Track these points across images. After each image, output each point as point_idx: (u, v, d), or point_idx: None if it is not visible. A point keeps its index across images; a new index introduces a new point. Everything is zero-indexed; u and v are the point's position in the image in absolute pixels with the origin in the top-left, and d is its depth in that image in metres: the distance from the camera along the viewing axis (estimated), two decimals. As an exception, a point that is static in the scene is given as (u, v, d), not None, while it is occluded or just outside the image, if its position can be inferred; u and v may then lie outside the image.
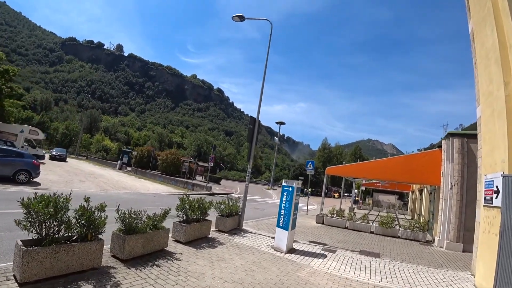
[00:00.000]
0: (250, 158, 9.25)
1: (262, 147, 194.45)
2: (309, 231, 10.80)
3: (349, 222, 12.08)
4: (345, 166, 13.59)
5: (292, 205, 6.95)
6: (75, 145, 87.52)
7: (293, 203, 6.95)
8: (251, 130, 9.35)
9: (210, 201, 7.70)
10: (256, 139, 9.52)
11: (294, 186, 6.97)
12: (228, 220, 8.45)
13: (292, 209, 6.96)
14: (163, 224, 5.92)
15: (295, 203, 7.13)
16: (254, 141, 9.37)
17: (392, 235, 11.34)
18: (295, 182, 7.01)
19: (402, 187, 29.90)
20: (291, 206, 6.95)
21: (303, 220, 13.61)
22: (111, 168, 36.84)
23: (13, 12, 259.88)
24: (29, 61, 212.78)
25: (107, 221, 4.68)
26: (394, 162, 12.10)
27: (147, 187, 21.00)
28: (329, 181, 66.13)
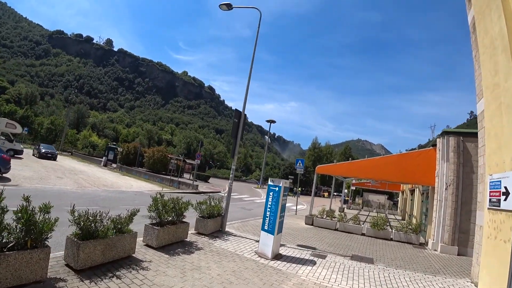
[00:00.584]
0: (235, 154, 8.52)
1: (253, 146, 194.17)
2: (297, 233, 10.16)
3: (340, 224, 11.51)
4: (336, 165, 13.03)
5: (278, 206, 6.27)
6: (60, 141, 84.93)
7: (279, 204, 6.27)
8: (235, 124, 8.62)
9: (188, 201, 6.94)
10: (241, 134, 8.80)
11: (281, 185, 6.29)
12: (209, 222, 7.71)
13: (279, 210, 6.28)
14: (130, 227, 5.15)
15: (282, 204, 6.45)
16: (239, 136, 8.65)
17: (384, 237, 10.83)
18: (282, 181, 6.33)
19: (392, 187, 29.74)
20: (278, 208, 6.27)
21: (292, 221, 12.99)
22: (95, 165, 35.45)
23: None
24: (14, 53, 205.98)
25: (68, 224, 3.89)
26: (387, 161, 11.61)
27: (130, 185, 20.01)
28: (319, 180, 66.02)
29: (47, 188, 13.00)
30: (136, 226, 5.56)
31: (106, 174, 25.19)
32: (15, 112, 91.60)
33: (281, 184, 6.30)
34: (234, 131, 8.62)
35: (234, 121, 8.62)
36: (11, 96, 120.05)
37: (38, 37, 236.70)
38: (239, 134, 8.67)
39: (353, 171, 12.26)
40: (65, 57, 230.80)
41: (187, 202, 6.83)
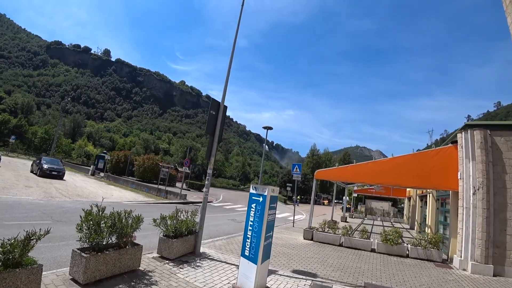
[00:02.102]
0: (211, 155, 6.75)
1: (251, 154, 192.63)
2: (294, 252, 8.30)
3: (345, 238, 9.66)
4: (337, 169, 11.26)
5: (263, 224, 4.46)
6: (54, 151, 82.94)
7: (264, 221, 4.46)
8: (212, 117, 6.89)
9: (138, 216, 5.09)
10: (220, 131, 7.06)
11: (267, 194, 4.51)
12: (175, 243, 5.87)
13: (263, 229, 4.47)
14: (31, 256, 3.35)
15: (269, 220, 4.65)
16: (217, 133, 6.90)
17: (399, 253, 8.98)
18: (268, 189, 4.56)
19: (396, 192, 27.87)
20: (262, 226, 4.47)
21: (288, 236, 11.12)
22: (82, 174, 33.54)
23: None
24: (12, 64, 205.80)
25: None
26: (397, 163, 9.85)
27: (110, 195, 18.11)
28: (318, 187, 63.97)
29: (2, 198, 11.16)
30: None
31: (89, 183, 23.27)
32: (8, 122, 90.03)
33: (266, 193, 4.52)
34: (211, 126, 6.87)
35: (210, 113, 6.88)
36: (7, 106, 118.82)
37: (36, 48, 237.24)
38: (217, 130, 6.93)
39: (358, 175, 10.50)
40: (62, 68, 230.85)
41: (138, 217, 5.02)
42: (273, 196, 4.73)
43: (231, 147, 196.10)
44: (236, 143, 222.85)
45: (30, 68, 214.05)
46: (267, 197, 4.47)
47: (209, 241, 8.38)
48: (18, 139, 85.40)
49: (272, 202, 4.72)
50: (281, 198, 43.63)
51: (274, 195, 4.76)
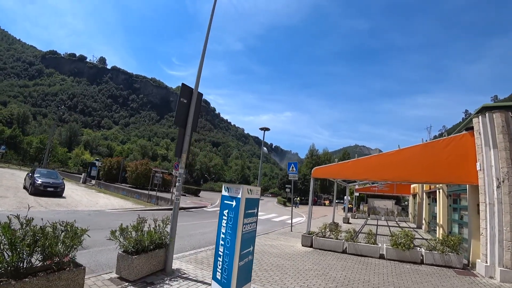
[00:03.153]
0: (182, 151, 5.55)
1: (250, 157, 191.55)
2: (289, 263, 7.07)
3: (349, 244, 8.43)
4: (337, 166, 10.05)
5: (236, 238, 3.27)
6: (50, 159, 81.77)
7: (238, 233, 3.27)
8: (183, 106, 5.71)
9: (82, 229, 3.91)
10: (194, 123, 5.89)
11: (240, 197, 3.31)
12: (136, 261, 4.66)
13: (237, 245, 3.27)
14: None
15: (247, 231, 3.45)
16: (190, 124, 5.72)
17: (412, 260, 7.76)
18: (242, 189, 3.37)
19: (400, 190, 26.70)
20: (235, 240, 3.27)
21: (285, 243, 9.88)
22: (73, 182, 32.30)
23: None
24: (7, 75, 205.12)
25: None
26: (405, 155, 8.64)
27: (95, 203, 16.86)
28: (319, 187, 62.66)
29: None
30: None
31: (76, 191, 22.02)
32: (3, 132, 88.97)
33: (240, 195, 3.32)
34: (181, 116, 5.68)
35: (180, 101, 5.70)
36: (3, 117, 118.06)
37: (31, 58, 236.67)
38: (190, 121, 5.74)
39: (360, 171, 9.30)
40: (58, 77, 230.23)
41: (81, 230, 3.82)
42: (251, 199, 3.54)
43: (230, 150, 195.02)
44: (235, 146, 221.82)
45: (26, 78, 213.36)
46: (241, 201, 3.28)
47: (191, 253, 7.15)
48: (12, 149, 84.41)
49: (250, 207, 3.52)
50: (280, 200, 42.34)
51: (252, 198, 3.57)
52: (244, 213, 3.29)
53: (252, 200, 3.53)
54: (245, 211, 3.31)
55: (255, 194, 3.61)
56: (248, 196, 3.39)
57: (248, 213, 3.43)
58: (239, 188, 3.35)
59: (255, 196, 3.62)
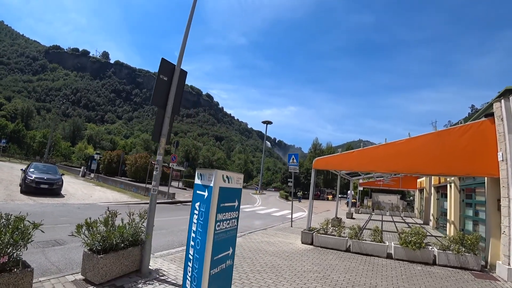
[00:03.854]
0: (161, 134, 4.81)
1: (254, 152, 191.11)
2: (286, 263, 6.35)
3: (353, 242, 7.67)
4: (340, 156, 9.24)
5: (206, 239, 2.52)
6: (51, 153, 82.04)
7: (210, 234, 2.53)
8: (163, 84, 4.95)
9: (35, 224, 3.18)
10: (175, 104, 5.13)
11: (213, 185, 2.55)
12: (102, 261, 3.96)
13: (208, 248, 2.53)
14: None
15: (222, 231, 2.70)
16: (170, 104, 4.96)
17: (424, 260, 6.98)
18: (215, 175, 2.60)
19: (405, 184, 25.80)
20: (205, 242, 2.52)
21: (283, 240, 9.16)
22: (72, 176, 31.90)
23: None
24: (11, 70, 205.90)
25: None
26: (417, 144, 7.78)
27: (88, 196, 16.30)
28: (322, 181, 61.82)
29: None
30: None
31: (73, 185, 21.51)
32: (6, 127, 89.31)
33: (212, 183, 2.57)
34: (160, 95, 4.91)
35: (159, 78, 4.92)
36: (7, 112, 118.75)
37: (35, 53, 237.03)
38: (171, 101, 4.98)
39: (366, 162, 8.46)
40: (62, 72, 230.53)
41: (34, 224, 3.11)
42: (229, 189, 2.78)
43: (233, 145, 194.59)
44: (238, 141, 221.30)
45: (30, 73, 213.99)
46: (214, 190, 2.53)
47: (177, 251, 6.46)
48: (15, 143, 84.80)
49: (227, 199, 2.76)
50: (282, 194, 41.65)
51: (231, 187, 2.81)
52: (217, 207, 2.55)
53: (230, 190, 2.78)
54: (219, 204, 2.57)
55: (234, 182, 2.86)
56: (223, 185, 2.64)
57: (224, 207, 2.69)
58: (212, 173, 2.60)
59: (234, 185, 2.86)
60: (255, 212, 17.46)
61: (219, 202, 2.55)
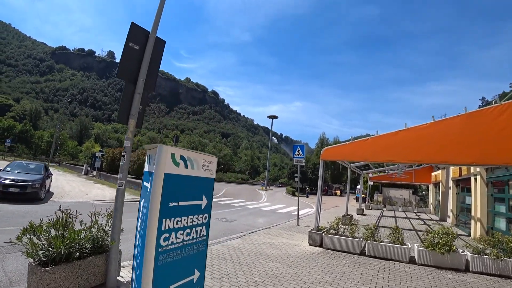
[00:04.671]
0: (130, 114, 3.85)
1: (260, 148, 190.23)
2: (290, 271, 5.35)
3: (369, 244, 6.61)
4: (353, 144, 8.09)
5: (145, 257, 1.51)
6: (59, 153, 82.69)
7: (149, 249, 1.52)
8: (134, 54, 3.96)
9: None
10: (150, 78, 4.14)
11: (155, 171, 1.54)
12: (47, 276, 3.02)
13: (148, 274, 1.52)
14: None
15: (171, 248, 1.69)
16: (142, 80, 3.97)
17: (454, 266, 5.89)
18: (161, 155, 1.58)
19: (419, 178, 24.42)
20: (144, 260, 1.51)
21: (288, 240, 8.15)
22: (74, 174, 31.52)
23: (2, 24, 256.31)
24: (19, 71, 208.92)
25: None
26: (443, 128, 6.60)
27: (84, 194, 15.58)
28: (330, 176, 60.48)
29: None
30: None
31: (72, 182, 20.93)
32: (14, 127, 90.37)
33: (154, 169, 1.56)
34: (130, 66, 3.94)
35: (129, 47, 3.94)
36: (17, 113, 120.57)
37: (41, 54, 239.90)
38: (143, 75, 3.99)
39: (382, 151, 7.30)
40: (68, 72, 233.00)
41: None
42: (187, 178, 1.79)
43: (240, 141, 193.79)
44: (244, 137, 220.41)
45: (37, 74, 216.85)
46: (156, 181, 1.52)
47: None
48: (23, 144, 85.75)
49: (184, 195, 1.76)
50: (289, 190, 40.61)
51: (192, 176, 1.81)
52: (163, 208, 1.54)
53: (189, 180, 1.78)
54: (165, 204, 1.56)
55: (199, 168, 1.85)
56: (175, 171, 1.63)
57: (178, 208, 1.69)
58: (162, 150, 1.61)
59: (199, 172, 1.86)
60: (260, 209, 16.50)
61: (165, 200, 1.56)
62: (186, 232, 1.76)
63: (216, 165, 2.10)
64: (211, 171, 2.02)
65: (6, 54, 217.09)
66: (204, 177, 1.93)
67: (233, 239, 7.72)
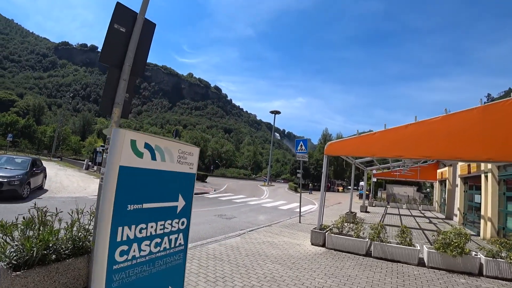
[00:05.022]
0: (115, 102, 3.47)
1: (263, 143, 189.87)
2: (291, 274, 4.99)
3: (375, 245, 6.24)
4: (360, 138, 7.65)
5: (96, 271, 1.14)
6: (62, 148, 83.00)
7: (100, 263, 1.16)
8: (120, 37, 3.58)
9: None
10: (140, 62, 3.77)
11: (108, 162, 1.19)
12: (19, 280, 2.68)
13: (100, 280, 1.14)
14: None
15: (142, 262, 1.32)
16: (130, 64, 3.59)
17: (467, 270, 5.51)
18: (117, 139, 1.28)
19: (424, 175, 23.90)
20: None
21: (289, 239, 7.79)
22: (75, 169, 31.36)
23: (4, 20, 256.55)
24: (22, 67, 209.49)
25: None
26: (458, 122, 6.15)
27: (82, 189, 15.35)
28: (332, 172, 60.06)
29: None
30: None
31: (71, 177, 20.71)
32: (17, 122, 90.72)
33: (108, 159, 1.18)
34: (114, 49, 3.55)
35: (113, 29, 3.55)
36: (20, 108, 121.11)
37: (44, 50, 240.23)
38: (129, 58, 3.61)
39: (390, 146, 6.85)
40: (71, 67, 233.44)
41: None
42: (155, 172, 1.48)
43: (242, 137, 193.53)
44: (247, 133, 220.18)
45: (40, 70, 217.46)
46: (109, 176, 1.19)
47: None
48: (27, 139, 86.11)
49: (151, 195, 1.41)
50: (292, 186, 40.27)
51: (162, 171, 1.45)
52: (117, 212, 1.16)
53: (159, 175, 1.39)
54: (122, 206, 1.18)
55: (174, 161, 1.46)
56: (136, 164, 1.25)
57: (139, 212, 1.31)
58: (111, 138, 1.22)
59: (173, 166, 1.46)
60: (261, 206, 16.17)
61: (121, 202, 1.19)
62: (154, 242, 1.39)
63: (197, 157, 1.72)
64: (191, 165, 1.64)
65: (9, 49, 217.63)
66: (181, 171, 1.54)
67: (232, 237, 7.38)
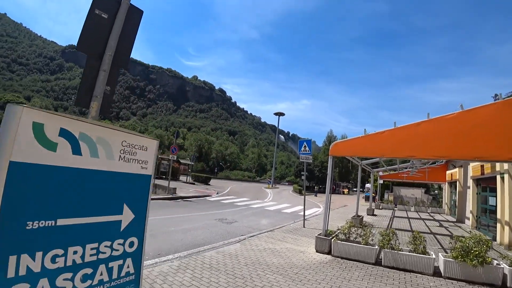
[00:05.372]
0: (93, 95, 3.09)
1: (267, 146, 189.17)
2: (294, 287, 4.53)
3: (385, 253, 5.75)
4: (367, 137, 7.15)
5: None
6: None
7: None
8: (101, 23, 3.18)
9: None
10: (123, 52, 3.38)
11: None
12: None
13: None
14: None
15: None
16: (111, 55, 3.20)
17: (488, 281, 4.99)
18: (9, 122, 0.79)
19: (433, 177, 23.20)
20: None
21: (292, 246, 7.32)
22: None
23: (13, 23, 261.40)
24: (30, 70, 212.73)
25: None
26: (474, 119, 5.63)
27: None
28: (337, 174, 59.24)
29: None
30: None
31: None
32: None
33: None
34: (95, 37, 3.17)
35: (94, 15, 3.16)
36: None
37: (52, 53, 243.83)
38: (111, 47, 3.22)
39: (400, 145, 6.33)
40: (78, 70, 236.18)
41: None
42: (74, 172, 0.98)
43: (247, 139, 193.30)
44: (251, 135, 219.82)
45: (48, 73, 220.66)
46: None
47: (146, 265, 4.75)
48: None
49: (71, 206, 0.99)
50: (296, 188, 39.68)
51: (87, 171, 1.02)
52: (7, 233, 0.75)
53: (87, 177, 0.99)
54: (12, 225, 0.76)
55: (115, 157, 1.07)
56: (42, 161, 0.85)
57: (49, 231, 0.89)
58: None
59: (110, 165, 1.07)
60: (264, 209, 15.70)
61: (14, 216, 0.78)
62: (81, 275, 0.96)
63: (155, 153, 1.31)
64: (144, 163, 1.23)
65: (18, 53, 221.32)
66: (127, 172, 1.14)
67: (231, 244, 6.94)
